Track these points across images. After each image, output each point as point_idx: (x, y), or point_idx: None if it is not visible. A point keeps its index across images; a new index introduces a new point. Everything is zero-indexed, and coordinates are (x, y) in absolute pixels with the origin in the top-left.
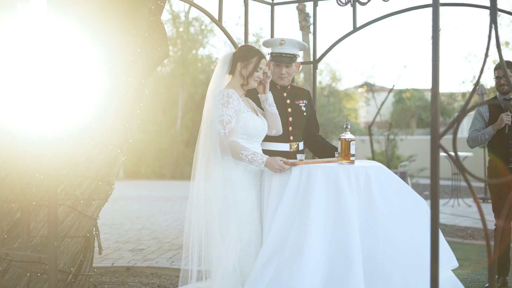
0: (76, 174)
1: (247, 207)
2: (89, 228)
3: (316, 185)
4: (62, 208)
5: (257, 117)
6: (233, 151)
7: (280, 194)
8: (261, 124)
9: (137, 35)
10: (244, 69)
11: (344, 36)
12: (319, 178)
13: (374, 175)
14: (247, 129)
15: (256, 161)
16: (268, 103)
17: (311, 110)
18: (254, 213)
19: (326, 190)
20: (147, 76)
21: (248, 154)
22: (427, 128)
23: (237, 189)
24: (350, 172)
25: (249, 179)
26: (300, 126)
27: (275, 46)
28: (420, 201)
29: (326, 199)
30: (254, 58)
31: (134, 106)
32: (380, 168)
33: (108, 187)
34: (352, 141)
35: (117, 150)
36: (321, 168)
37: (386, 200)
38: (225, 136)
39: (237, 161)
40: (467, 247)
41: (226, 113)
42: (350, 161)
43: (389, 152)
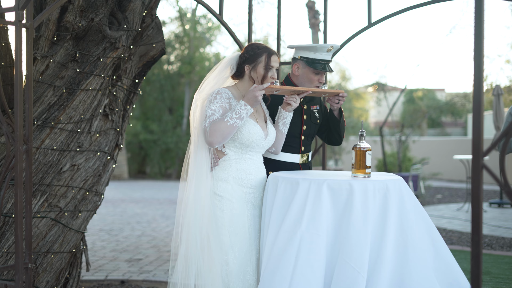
0: (60, 184)
1: (236, 227)
2: (75, 243)
3: (325, 205)
4: (44, 221)
5: (254, 123)
6: (219, 129)
7: (283, 213)
8: (258, 132)
9: (129, 30)
10: (254, 71)
11: (358, 32)
12: (328, 196)
13: (394, 191)
14: (239, 137)
15: (240, 110)
16: (283, 122)
17: (324, 112)
18: (245, 234)
19: (335, 212)
20: (141, 75)
21: (232, 116)
22: (438, 129)
23: (225, 206)
24: (367, 188)
25: (241, 195)
26: (312, 135)
27: (321, 52)
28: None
29: (335, 224)
30: (262, 57)
31: (126, 108)
32: (401, 181)
33: (96, 197)
34: (368, 151)
35: (106, 156)
36: (332, 183)
37: (403, 224)
38: (205, 128)
39: (227, 173)
40: (485, 259)
41: (210, 107)
42: (366, 173)
43: (400, 154)
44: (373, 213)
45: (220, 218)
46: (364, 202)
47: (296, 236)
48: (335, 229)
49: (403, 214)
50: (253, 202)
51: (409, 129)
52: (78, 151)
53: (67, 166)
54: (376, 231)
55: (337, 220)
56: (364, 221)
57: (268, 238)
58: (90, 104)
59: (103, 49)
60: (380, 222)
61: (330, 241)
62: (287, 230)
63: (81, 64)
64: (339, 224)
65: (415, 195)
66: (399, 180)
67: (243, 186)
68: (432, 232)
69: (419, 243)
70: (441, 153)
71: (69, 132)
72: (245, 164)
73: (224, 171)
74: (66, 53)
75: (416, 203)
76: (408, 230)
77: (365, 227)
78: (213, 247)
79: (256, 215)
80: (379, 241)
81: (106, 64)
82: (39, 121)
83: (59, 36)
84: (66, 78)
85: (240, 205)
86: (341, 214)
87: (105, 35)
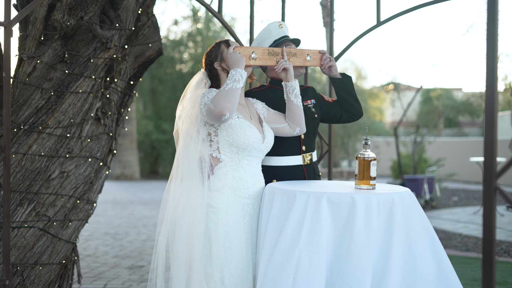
0: (49, 192)
1: (232, 242)
2: (65, 254)
3: (324, 221)
4: (32, 231)
5: (250, 124)
6: (220, 97)
7: (279, 228)
8: (255, 134)
9: (121, 29)
10: (223, 62)
11: (367, 31)
12: (328, 211)
13: (400, 205)
14: (235, 139)
15: (232, 75)
16: (294, 94)
17: (323, 104)
18: (241, 249)
19: (335, 228)
20: (136, 76)
21: (227, 82)
22: (455, 129)
23: (220, 219)
24: (371, 202)
25: (238, 206)
26: (313, 130)
27: (275, 31)
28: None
29: (335, 241)
30: (221, 46)
31: (120, 112)
32: (408, 194)
33: (88, 205)
34: (373, 161)
35: (98, 163)
36: (332, 196)
37: (411, 243)
38: (208, 105)
39: (223, 183)
40: (502, 267)
41: (204, 97)
42: (370, 185)
43: (415, 156)
44: (377, 230)
45: (214, 233)
46: (367, 217)
47: (293, 254)
48: (335, 246)
49: (411, 232)
50: (251, 214)
51: (425, 130)
52: (68, 157)
53: (56, 173)
54: (381, 250)
55: (337, 237)
56: (367, 238)
57: (263, 255)
58: (81, 107)
59: (93, 49)
60: (385, 240)
61: (330, 259)
62: (284, 247)
63: (70, 65)
64: (340, 241)
65: (431, 198)
66: (406, 193)
67: (240, 196)
68: (438, 251)
69: (427, 265)
70: (457, 154)
71: (58, 137)
72: (242, 172)
73: (220, 180)
74: (54, 54)
75: (424, 218)
76: (417, 250)
77: (368, 245)
78: (212, 262)
79: (254, 228)
80: (384, 260)
81: (98, 65)
82: (26, 125)
83: (46, 36)
84: (55, 80)
85: (237, 218)
86: (342, 231)
87: (95, 35)
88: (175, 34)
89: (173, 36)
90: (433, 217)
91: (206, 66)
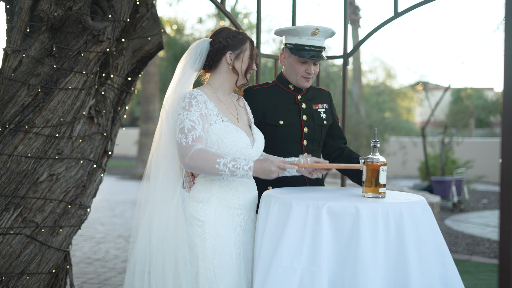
0: (37, 196)
1: (222, 258)
2: (55, 262)
3: (326, 234)
4: (18, 238)
5: (236, 128)
6: (204, 163)
7: (275, 241)
8: (243, 139)
9: (115, 21)
10: (238, 60)
11: (384, 22)
12: (329, 223)
13: (409, 217)
14: (221, 146)
15: (241, 169)
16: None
17: (333, 116)
18: (232, 266)
19: (337, 243)
20: (135, 72)
21: (227, 162)
22: (486, 129)
23: (207, 233)
24: (377, 213)
25: (227, 218)
26: (319, 139)
27: (304, 36)
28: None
29: (337, 258)
30: (246, 44)
31: (117, 110)
32: (420, 205)
33: (81, 211)
34: (383, 166)
35: (92, 165)
36: (334, 206)
37: (421, 257)
38: (188, 146)
39: (209, 192)
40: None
41: (187, 117)
42: (379, 193)
43: (443, 157)
44: (385, 245)
45: (201, 249)
46: (373, 230)
47: (295, 273)
48: (338, 263)
49: (422, 249)
50: (242, 226)
51: (454, 130)
52: (57, 159)
53: (45, 175)
54: (393, 268)
55: (340, 253)
56: (374, 255)
57: (258, 271)
58: (71, 105)
59: (84, 42)
60: (397, 257)
61: (332, 278)
62: (282, 264)
63: (59, 59)
64: (343, 258)
65: (459, 201)
66: (419, 203)
67: (229, 207)
68: (449, 278)
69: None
70: (487, 155)
71: (46, 137)
72: (230, 180)
73: (206, 191)
74: (41, 47)
75: (437, 233)
76: (431, 269)
77: (375, 262)
78: (200, 282)
79: (246, 242)
80: (399, 281)
81: (89, 59)
82: (11, 124)
83: (32, 28)
84: (42, 75)
85: (226, 231)
86: (346, 245)
87: (86, 26)
88: (200, 33)
89: (198, 35)
90: (461, 221)
91: (215, 44)
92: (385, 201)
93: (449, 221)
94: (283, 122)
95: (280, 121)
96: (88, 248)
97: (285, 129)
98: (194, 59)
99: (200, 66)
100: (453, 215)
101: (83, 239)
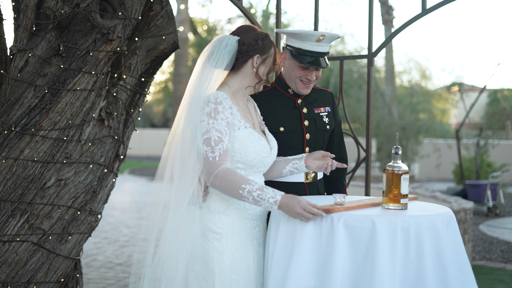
0: (44, 202)
1: (240, 273)
2: (64, 271)
3: (341, 250)
4: (25, 246)
5: (259, 135)
6: (229, 186)
7: (286, 256)
8: (265, 148)
9: (126, 19)
10: (262, 65)
11: (411, 20)
12: (345, 237)
13: (432, 232)
14: (244, 155)
15: (265, 201)
16: (292, 168)
17: (335, 121)
18: (250, 281)
19: (353, 259)
20: (149, 73)
21: (253, 190)
22: None
23: (224, 246)
24: (396, 227)
25: (245, 230)
26: (321, 145)
27: (308, 41)
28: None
29: (353, 275)
30: (272, 49)
31: (129, 112)
32: (445, 218)
33: (92, 217)
34: (405, 175)
35: (102, 169)
36: (350, 219)
37: (440, 277)
38: (215, 163)
39: (227, 203)
40: None
41: (214, 127)
42: (400, 204)
43: (478, 160)
44: (404, 263)
45: (218, 263)
46: (391, 246)
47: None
48: (354, 281)
49: (445, 266)
50: (258, 238)
51: (490, 132)
52: (66, 163)
53: (52, 180)
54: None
55: (356, 270)
56: (391, 274)
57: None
58: (80, 107)
59: (93, 41)
60: (416, 276)
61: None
62: (298, 284)
63: (67, 59)
64: (360, 275)
65: (494, 205)
66: (445, 215)
67: (247, 218)
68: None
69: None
70: None
71: (54, 140)
72: None
73: (223, 200)
74: (48, 46)
75: (461, 251)
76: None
77: (392, 282)
78: None
79: (261, 254)
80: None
81: (99, 59)
82: (17, 127)
83: (39, 26)
84: (49, 75)
85: (245, 244)
86: (363, 262)
87: (94, 24)
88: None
89: None
90: (496, 226)
91: (244, 44)
92: (406, 214)
93: (483, 226)
94: (283, 129)
95: (281, 128)
96: (111, 251)
97: (286, 136)
98: (217, 55)
99: (226, 64)
100: (488, 220)
101: (107, 242)
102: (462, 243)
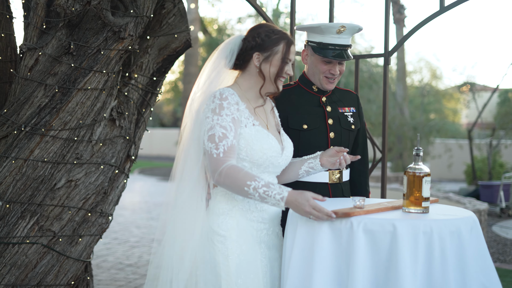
0: (54, 203)
1: (247, 277)
2: (75, 273)
3: (362, 256)
4: (34, 248)
5: (268, 134)
6: (234, 183)
7: (304, 262)
8: (274, 147)
9: (138, 16)
10: (266, 63)
11: (429, 18)
12: (365, 242)
13: (455, 237)
14: (250, 153)
15: (272, 198)
16: (308, 168)
17: (361, 122)
18: (259, 285)
19: (374, 265)
20: (161, 72)
21: (259, 187)
22: None
23: (229, 249)
24: (418, 232)
25: (252, 233)
26: (346, 145)
27: (329, 34)
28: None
29: (373, 283)
30: (279, 46)
31: (141, 112)
32: (469, 222)
33: (102, 219)
34: (426, 177)
35: (113, 170)
36: (371, 224)
37: (465, 283)
38: (219, 159)
39: (231, 204)
40: None
41: (218, 123)
42: (421, 207)
43: (490, 160)
44: (427, 268)
45: (224, 267)
46: (413, 252)
47: None
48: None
49: (469, 272)
50: (266, 242)
51: (502, 132)
52: (76, 164)
53: (62, 181)
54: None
55: (377, 276)
56: (414, 280)
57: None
58: (91, 106)
59: (104, 39)
60: (440, 283)
61: None
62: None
63: (77, 57)
64: (382, 282)
65: (507, 206)
66: (469, 219)
67: (252, 220)
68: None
69: None
70: None
71: (64, 140)
72: None
73: (227, 201)
74: (58, 45)
75: (486, 256)
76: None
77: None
78: None
79: (272, 258)
80: None
81: (110, 57)
82: (27, 127)
83: (49, 24)
84: (60, 74)
85: (251, 247)
86: (384, 268)
87: (106, 22)
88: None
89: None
90: (509, 228)
91: (247, 42)
92: (428, 217)
93: (496, 227)
94: (307, 127)
95: (304, 125)
96: (121, 252)
97: (309, 134)
98: (222, 55)
99: (232, 64)
100: (501, 221)
101: (117, 242)
102: (486, 248)
